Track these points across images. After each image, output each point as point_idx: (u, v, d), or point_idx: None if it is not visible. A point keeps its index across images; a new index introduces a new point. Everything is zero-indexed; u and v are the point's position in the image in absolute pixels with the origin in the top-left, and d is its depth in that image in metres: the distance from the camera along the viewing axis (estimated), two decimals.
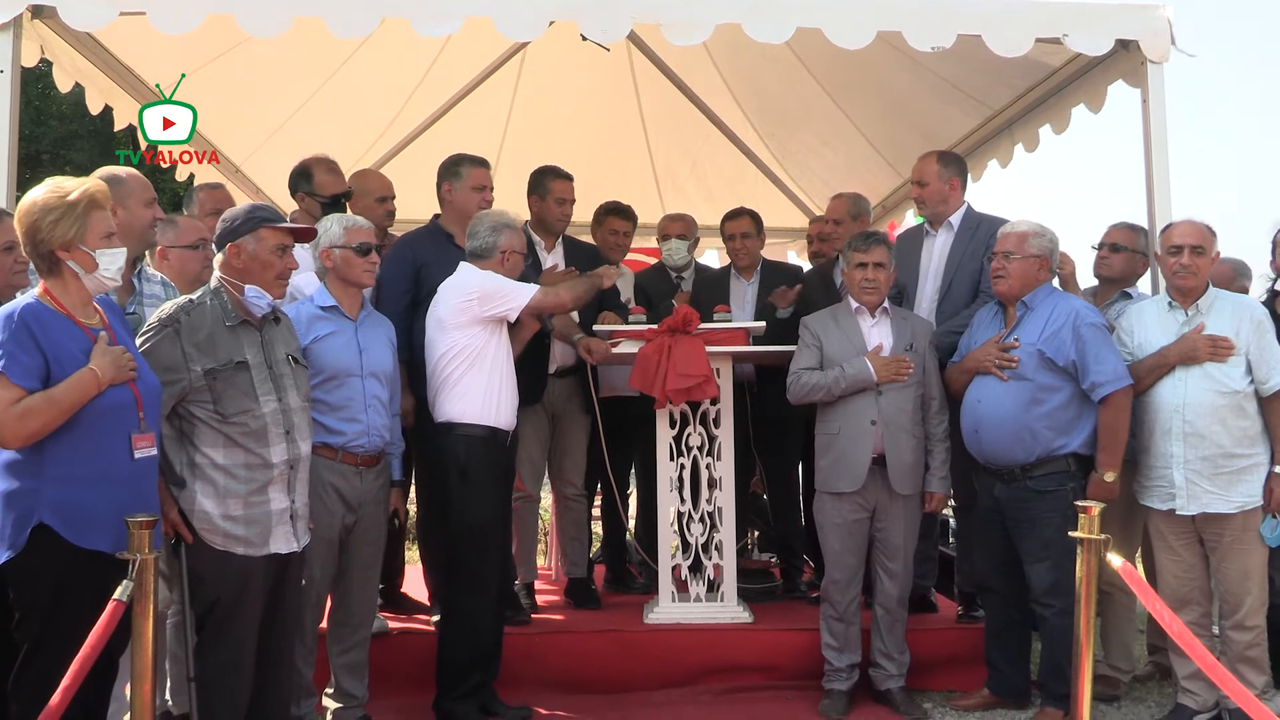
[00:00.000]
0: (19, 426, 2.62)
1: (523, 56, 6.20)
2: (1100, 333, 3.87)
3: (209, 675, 3.06)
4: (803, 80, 6.01)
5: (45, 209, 2.73)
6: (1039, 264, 3.99)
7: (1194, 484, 3.79)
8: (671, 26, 4.09)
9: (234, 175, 6.21)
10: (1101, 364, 3.82)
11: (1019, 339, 3.94)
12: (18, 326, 2.66)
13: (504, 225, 4.06)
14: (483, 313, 3.89)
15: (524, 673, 4.28)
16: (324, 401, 3.56)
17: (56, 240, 2.72)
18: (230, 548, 3.06)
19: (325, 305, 3.67)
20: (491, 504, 3.95)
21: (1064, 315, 3.90)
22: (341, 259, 3.68)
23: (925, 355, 4.13)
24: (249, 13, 3.92)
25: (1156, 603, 2.98)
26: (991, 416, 3.95)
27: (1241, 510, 3.78)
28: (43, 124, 14.48)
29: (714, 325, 4.57)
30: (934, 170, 4.54)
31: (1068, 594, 3.73)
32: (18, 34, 3.87)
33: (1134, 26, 4.20)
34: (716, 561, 4.55)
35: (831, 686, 4.22)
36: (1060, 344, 3.86)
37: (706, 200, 7.06)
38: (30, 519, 2.66)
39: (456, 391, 3.90)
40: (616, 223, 5.39)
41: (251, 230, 3.18)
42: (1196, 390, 3.79)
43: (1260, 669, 3.86)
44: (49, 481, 2.67)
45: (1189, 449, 3.79)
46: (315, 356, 3.55)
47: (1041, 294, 3.99)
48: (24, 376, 2.64)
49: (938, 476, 4.15)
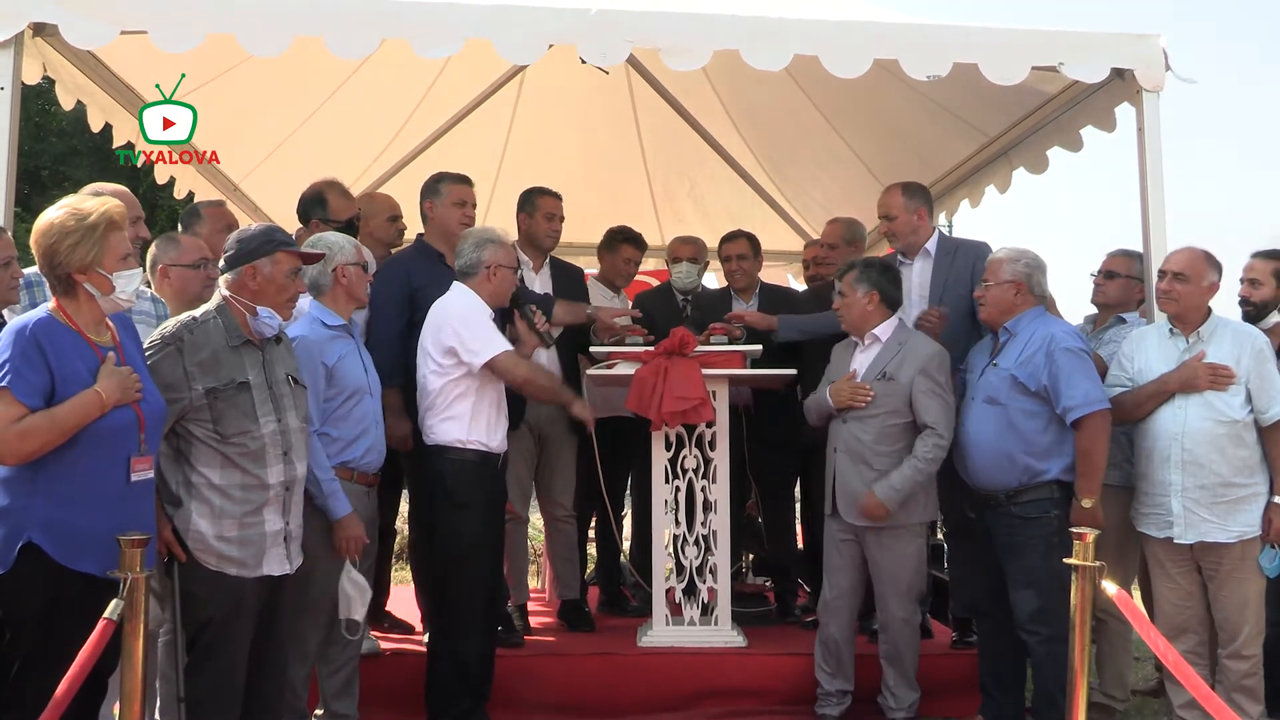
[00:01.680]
0: (18, 445, 2.61)
1: (522, 79, 6.23)
2: (1075, 357, 3.84)
3: (199, 696, 3.04)
4: (801, 105, 6.03)
5: (64, 232, 2.72)
6: (1014, 289, 3.98)
7: (1192, 512, 3.78)
8: (670, 52, 4.10)
9: (232, 193, 6.22)
10: (1073, 388, 3.79)
11: (998, 363, 3.95)
12: (28, 343, 2.64)
13: (488, 240, 4.06)
14: (459, 353, 3.90)
15: (517, 695, 4.26)
16: (342, 420, 3.59)
17: (75, 264, 2.73)
18: (224, 568, 3.04)
19: (335, 325, 3.66)
20: (481, 526, 3.94)
21: (1039, 340, 3.88)
22: (355, 276, 3.71)
23: (911, 384, 4.00)
24: (250, 32, 3.93)
25: (1151, 631, 2.98)
26: (973, 442, 3.97)
27: (1239, 540, 3.77)
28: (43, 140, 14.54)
29: (711, 348, 4.57)
30: (899, 203, 4.52)
31: (1053, 621, 3.77)
32: (19, 51, 3.87)
33: (1129, 55, 4.22)
34: (711, 585, 4.54)
35: (822, 712, 4.21)
36: (1034, 369, 3.85)
37: (704, 223, 7.07)
38: (19, 536, 2.64)
39: (448, 414, 3.90)
40: (630, 251, 5.45)
41: (269, 253, 3.19)
42: (1196, 419, 3.78)
43: (1256, 698, 3.85)
44: (41, 499, 2.65)
45: (1187, 477, 3.78)
46: (338, 376, 3.57)
47: (1025, 319, 3.97)
48: (28, 394, 2.62)
49: (884, 483, 3.99)
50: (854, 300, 4.14)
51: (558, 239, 5.03)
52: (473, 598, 3.92)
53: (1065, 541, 3.85)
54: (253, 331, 3.16)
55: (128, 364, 2.82)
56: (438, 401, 3.91)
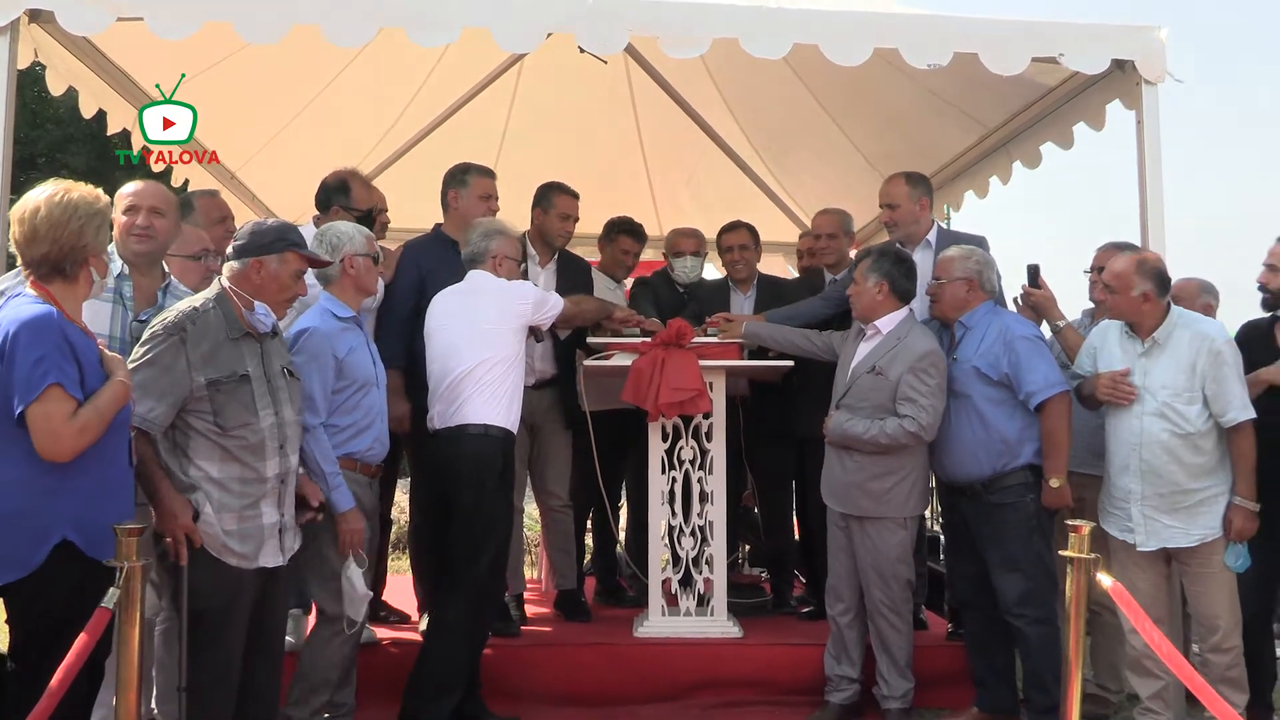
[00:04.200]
0: (77, 440, 2.58)
1: (520, 67, 6.20)
2: (1031, 344, 3.96)
3: (198, 685, 3.03)
4: (799, 95, 6.02)
5: (89, 214, 2.70)
6: (966, 285, 4.09)
7: (1152, 519, 3.80)
8: (669, 40, 4.10)
9: (229, 181, 6.21)
10: (1033, 373, 3.90)
11: (958, 357, 4.02)
12: (59, 335, 2.60)
13: (496, 231, 4.12)
14: (533, 318, 4.05)
15: (513, 685, 4.27)
16: (349, 411, 3.59)
17: (96, 246, 2.72)
18: (224, 557, 3.03)
19: (345, 316, 3.66)
20: (509, 504, 4.08)
21: (996, 331, 4.00)
22: (364, 267, 3.71)
23: (899, 381, 3.96)
24: (247, 20, 3.92)
25: (1145, 623, 2.98)
26: (945, 435, 4.03)
27: (1202, 542, 3.77)
28: (39, 127, 14.46)
29: (707, 339, 4.57)
30: (903, 192, 4.55)
31: (1039, 603, 3.88)
32: (14, 38, 3.86)
33: (1130, 47, 4.23)
34: (707, 576, 4.55)
35: (826, 698, 4.24)
36: (994, 358, 3.95)
37: (702, 212, 7.04)
38: (49, 536, 2.59)
39: (493, 395, 3.92)
40: (629, 243, 5.47)
41: (279, 251, 3.19)
42: (1153, 428, 3.77)
43: (1240, 688, 3.85)
44: (68, 497, 2.61)
45: (1146, 485, 3.79)
46: (348, 369, 3.58)
47: (979, 313, 4.08)
48: (74, 387, 2.59)
49: (841, 418, 4.07)
50: (864, 289, 4.15)
51: (570, 239, 5.03)
52: (498, 579, 4.06)
53: (1043, 524, 3.96)
54: (249, 324, 3.15)
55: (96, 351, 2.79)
56: (485, 383, 3.91)
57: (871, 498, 4.05)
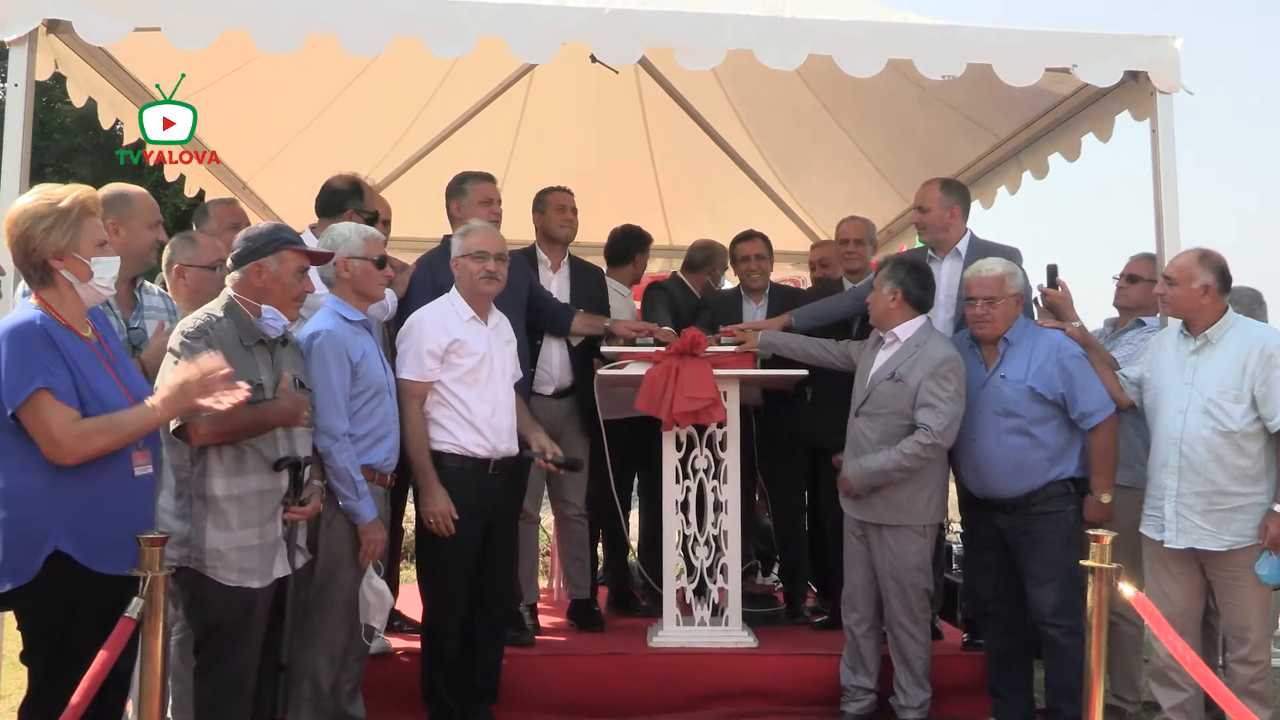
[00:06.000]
0: (78, 445, 2.57)
1: (531, 77, 6.21)
2: (1082, 362, 3.97)
3: (209, 697, 3.04)
4: (810, 106, 6.03)
5: (36, 216, 2.64)
6: (1018, 301, 4.09)
7: (1184, 518, 3.76)
8: (684, 51, 4.10)
9: (241, 191, 6.21)
10: (1089, 393, 3.93)
11: (1006, 375, 3.99)
12: (44, 341, 2.58)
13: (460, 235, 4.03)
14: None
15: (526, 695, 4.26)
16: (365, 420, 3.57)
17: (49, 248, 2.64)
18: (243, 581, 3.01)
19: (355, 320, 3.63)
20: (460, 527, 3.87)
21: (1045, 349, 3.98)
22: (361, 271, 3.66)
23: (919, 387, 3.98)
24: (263, 29, 3.92)
25: (1169, 633, 2.97)
26: (989, 454, 4.01)
27: (1231, 549, 3.71)
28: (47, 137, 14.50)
29: (722, 349, 4.57)
30: (936, 197, 4.55)
31: (1074, 614, 3.83)
32: (33, 48, 3.88)
33: (1143, 57, 4.22)
34: (721, 585, 4.54)
35: (842, 708, 4.24)
36: (1048, 378, 3.94)
37: (712, 222, 7.06)
38: (43, 546, 2.58)
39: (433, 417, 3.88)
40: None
41: (275, 251, 3.18)
42: (1195, 425, 3.74)
43: (1264, 702, 3.82)
44: (63, 507, 2.59)
45: (1183, 483, 3.76)
46: (361, 374, 3.55)
47: (1019, 328, 4.06)
48: (66, 394, 2.57)
49: (859, 461, 4.07)
50: (879, 295, 4.17)
51: (573, 229, 5.02)
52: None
53: (1081, 536, 3.91)
54: (260, 331, 3.14)
55: (111, 358, 2.76)
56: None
57: (891, 505, 4.05)
